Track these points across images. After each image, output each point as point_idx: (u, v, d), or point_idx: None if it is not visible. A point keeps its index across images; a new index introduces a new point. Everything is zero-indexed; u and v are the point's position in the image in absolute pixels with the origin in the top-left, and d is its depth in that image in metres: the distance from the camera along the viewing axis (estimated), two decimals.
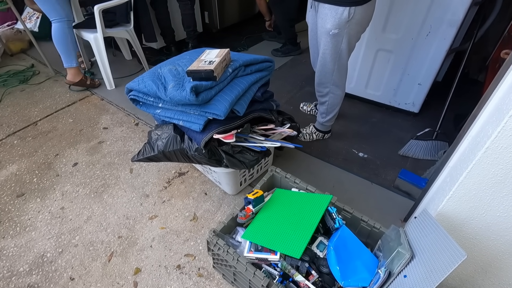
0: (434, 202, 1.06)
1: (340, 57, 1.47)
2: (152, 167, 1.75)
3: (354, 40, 1.44)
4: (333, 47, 1.43)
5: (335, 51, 1.45)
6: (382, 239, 1.07)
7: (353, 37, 1.41)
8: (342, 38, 1.39)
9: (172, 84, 1.19)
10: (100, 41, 2.22)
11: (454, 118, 1.91)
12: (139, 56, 2.57)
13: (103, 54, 2.27)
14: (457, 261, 0.75)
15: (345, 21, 1.33)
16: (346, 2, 1.28)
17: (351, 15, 1.31)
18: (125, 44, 2.78)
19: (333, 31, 1.37)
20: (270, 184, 1.37)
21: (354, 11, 1.30)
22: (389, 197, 1.57)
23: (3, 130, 2.02)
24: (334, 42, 1.41)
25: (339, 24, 1.34)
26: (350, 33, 1.38)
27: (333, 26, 1.36)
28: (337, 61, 1.49)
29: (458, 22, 1.62)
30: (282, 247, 1.00)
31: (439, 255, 0.80)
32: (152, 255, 1.34)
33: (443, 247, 0.81)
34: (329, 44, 1.43)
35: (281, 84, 2.49)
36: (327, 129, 1.87)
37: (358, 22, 1.34)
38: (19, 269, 1.29)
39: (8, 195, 1.59)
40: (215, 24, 3.34)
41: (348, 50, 1.45)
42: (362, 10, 1.31)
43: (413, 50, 1.81)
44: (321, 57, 1.52)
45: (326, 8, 1.35)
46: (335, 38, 1.40)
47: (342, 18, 1.32)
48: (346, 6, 1.29)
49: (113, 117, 2.16)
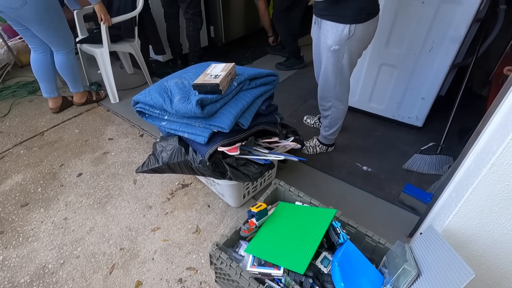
0: (440, 217, 1.05)
1: (341, 73, 1.49)
2: (156, 178, 1.76)
3: (356, 56, 1.46)
4: (334, 62, 1.46)
5: (336, 67, 1.47)
6: (387, 255, 1.05)
7: (354, 53, 1.43)
8: (343, 54, 1.41)
9: (178, 97, 1.21)
10: (106, 56, 2.26)
11: (459, 132, 1.91)
12: (142, 70, 2.59)
13: (108, 68, 2.31)
14: (465, 280, 0.73)
15: (345, 38, 1.35)
16: (347, 19, 1.31)
17: (351, 32, 1.33)
18: (127, 58, 2.82)
19: (334, 47, 1.40)
20: (273, 197, 1.36)
21: (355, 28, 1.32)
22: (394, 212, 1.55)
23: (10, 140, 2.05)
24: (335, 57, 1.44)
25: (340, 41, 1.37)
26: (351, 50, 1.40)
27: (333, 43, 1.39)
28: (338, 76, 1.51)
29: (461, 38, 1.64)
30: (286, 262, 0.99)
31: (446, 273, 0.79)
32: (153, 267, 1.33)
33: (450, 265, 0.80)
34: (330, 60, 1.46)
35: (285, 97, 2.51)
36: (331, 142, 1.87)
37: (359, 39, 1.36)
38: (20, 280, 1.28)
39: (13, 205, 1.60)
40: (220, 38, 3.41)
41: (350, 66, 1.47)
42: (363, 28, 1.33)
43: (416, 65, 1.83)
44: (323, 72, 1.54)
45: (327, 24, 1.38)
46: (336, 54, 1.42)
47: (342, 35, 1.35)
48: (346, 24, 1.32)
49: (119, 128, 2.18)
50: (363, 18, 1.31)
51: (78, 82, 2.28)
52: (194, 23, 2.66)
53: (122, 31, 2.36)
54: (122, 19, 2.19)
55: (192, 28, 2.69)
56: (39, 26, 1.85)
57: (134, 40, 2.40)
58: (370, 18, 1.33)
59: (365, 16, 1.31)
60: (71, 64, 2.14)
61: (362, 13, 1.30)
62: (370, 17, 1.33)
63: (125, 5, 2.25)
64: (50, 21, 1.85)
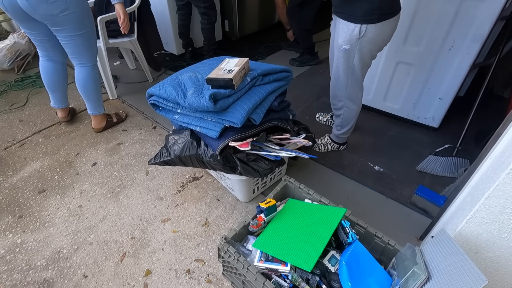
0: (453, 221, 1.03)
1: (353, 73, 1.45)
2: (167, 170, 1.79)
3: (368, 57, 1.41)
4: (345, 62, 1.42)
5: (347, 66, 1.43)
6: (396, 257, 1.04)
7: (366, 54, 1.38)
8: (354, 54, 1.37)
9: (191, 91, 1.22)
10: (103, 52, 2.22)
11: (477, 135, 1.85)
12: (142, 66, 2.58)
13: (106, 64, 2.29)
14: (477, 287, 0.72)
15: (355, 38, 1.31)
16: (357, 19, 1.26)
17: (362, 33, 1.28)
18: (129, 53, 2.83)
19: (343, 46, 1.37)
20: (283, 194, 1.36)
21: (366, 29, 1.27)
22: (405, 214, 1.53)
23: (29, 128, 2.12)
24: (346, 57, 1.40)
25: (350, 41, 1.33)
26: (362, 50, 1.35)
27: (344, 42, 1.35)
28: (350, 76, 1.47)
29: (483, 37, 1.58)
30: (293, 259, 0.99)
31: (458, 278, 0.77)
32: (163, 257, 1.36)
33: (462, 271, 0.78)
34: (341, 59, 1.43)
35: (298, 93, 2.49)
36: (343, 141, 1.85)
37: (370, 40, 1.31)
38: (37, 263, 1.33)
39: (31, 191, 1.66)
40: (235, 32, 3.41)
41: (362, 66, 1.42)
42: (375, 29, 1.28)
43: (435, 64, 1.78)
44: (334, 71, 1.52)
45: (340, 22, 1.35)
46: (346, 54, 1.39)
47: (353, 35, 1.31)
48: (357, 23, 1.27)
49: (132, 119, 2.22)
50: (376, 18, 1.25)
51: (100, 102, 2.02)
52: (208, 16, 2.66)
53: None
54: None
55: (206, 21, 2.70)
56: (73, 34, 1.69)
57: (134, 36, 2.38)
58: (385, 19, 1.26)
59: (379, 16, 1.25)
60: (95, 80, 1.93)
61: (374, 13, 1.24)
62: (385, 17, 1.26)
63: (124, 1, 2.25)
64: (84, 29, 1.71)
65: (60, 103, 2.09)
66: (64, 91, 2.07)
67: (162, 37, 3.05)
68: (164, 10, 2.81)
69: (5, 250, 1.38)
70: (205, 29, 2.76)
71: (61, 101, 2.09)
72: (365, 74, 1.50)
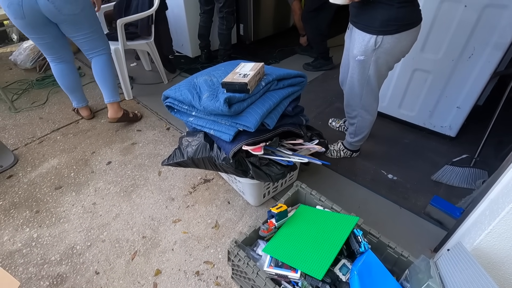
0: (470, 235, 1.00)
1: (368, 83, 1.43)
2: (180, 171, 1.81)
3: (384, 69, 1.38)
4: (360, 72, 1.41)
5: (362, 77, 1.42)
6: (410, 269, 1.02)
7: (383, 65, 1.35)
8: (369, 65, 1.36)
9: (206, 94, 1.23)
10: (121, 53, 2.28)
11: (496, 146, 1.80)
12: (158, 68, 2.64)
13: (123, 66, 2.33)
14: None
15: (371, 49, 1.29)
16: (373, 29, 1.24)
17: (377, 44, 1.26)
18: (145, 55, 2.88)
19: (358, 57, 1.35)
20: (294, 199, 1.35)
21: (382, 40, 1.25)
22: (419, 224, 1.49)
23: (49, 126, 2.19)
24: (361, 68, 1.39)
25: (365, 52, 1.31)
26: (377, 62, 1.33)
27: (359, 52, 1.34)
28: (365, 87, 1.45)
29: (506, 45, 1.54)
30: (304, 266, 0.98)
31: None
32: (173, 258, 1.37)
33: (479, 286, 0.76)
34: (356, 69, 1.41)
35: (311, 98, 2.48)
36: (356, 149, 1.83)
37: (387, 51, 1.29)
38: (51, 258, 1.37)
39: (48, 187, 1.71)
40: (249, 36, 3.43)
41: (377, 78, 1.40)
42: (392, 40, 1.25)
43: (454, 72, 1.74)
44: (349, 80, 1.51)
45: (356, 32, 1.33)
46: (361, 64, 1.37)
47: (368, 45, 1.29)
48: (373, 34, 1.25)
49: (147, 120, 2.26)
50: (394, 29, 1.22)
51: (117, 88, 2.08)
52: (227, 21, 2.70)
53: (139, 29, 2.41)
54: (137, 17, 2.23)
55: (224, 27, 2.73)
56: (91, 30, 1.79)
57: (151, 38, 2.43)
58: (403, 30, 1.23)
59: (397, 27, 1.22)
60: (112, 65, 2.03)
61: (391, 24, 1.21)
62: (403, 28, 1.23)
63: (143, 4, 2.30)
64: (97, 23, 1.82)
65: (83, 101, 2.19)
66: (81, 89, 2.16)
67: (178, 40, 3.11)
68: (181, 13, 2.86)
69: (22, 244, 1.42)
70: (222, 34, 2.79)
71: (82, 99, 2.19)
72: (381, 84, 1.47)
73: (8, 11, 1.57)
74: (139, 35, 2.46)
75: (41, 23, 1.65)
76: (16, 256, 1.37)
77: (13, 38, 3.69)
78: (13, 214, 1.56)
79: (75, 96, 2.14)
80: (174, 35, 2.95)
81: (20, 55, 2.88)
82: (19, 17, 1.59)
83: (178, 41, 3.12)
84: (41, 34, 1.73)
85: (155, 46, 2.49)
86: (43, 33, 1.73)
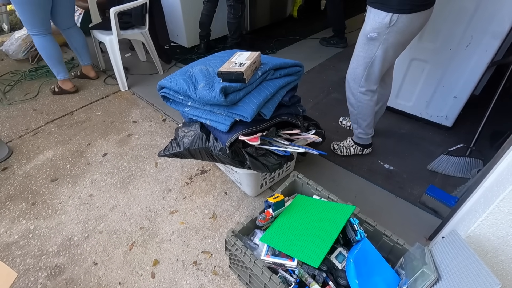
0: (465, 223, 1.01)
1: (372, 65, 1.42)
2: (176, 162, 1.80)
3: (392, 51, 1.37)
4: (367, 50, 1.39)
5: (368, 55, 1.40)
6: (405, 257, 1.03)
7: (391, 46, 1.34)
8: (379, 44, 1.34)
9: (202, 84, 1.22)
10: (115, 43, 2.26)
11: (492, 135, 1.81)
12: (153, 58, 2.60)
13: (117, 56, 2.31)
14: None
15: (385, 26, 1.28)
16: (390, 7, 1.24)
17: (392, 22, 1.26)
18: (140, 45, 2.83)
19: (370, 34, 1.33)
20: (291, 189, 1.36)
21: (397, 18, 1.25)
22: (414, 213, 1.51)
23: (43, 118, 2.16)
24: (370, 45, 1.37)
25: (379, 28, 1.30)
26: (388, 41, 1.32)
27: (371, 29, 1.33)
28: (367, 68, 1.44)
29: (503, 34, 1.53)
30: (300, 254, 0.99)
31: (469, 281, 0.76)
32: (170, 248, 1.38)
33: (473, 273, 0.77)
34: (364, 47, 1.39)
35: (308, 88, 2.46)
36: (366, 142, 1.77)
37: (399, 30, 1.29)
38: (49, 249, 1.37)
39: (44, 179, 1.70)
40: (246, 26, 3.38)
41: (382, 60, 1.39)
42: (406, 19, 1.25)
43: (451, 61, 1.73)
44: (353, 59, 1.48)
45: (371, 12, 1.32)
46: (371, 42, 1.36)
47: (383, 23, 1.28)
48: (389, 12, 1.25)
49: (143, 111, 2.24)
50: (408, 9, 1.23)
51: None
52: (235, 10, 2.68)
53: (133, 18, 2.37)
54: (131, 5, 2.18)
55: (232, 15, 2.71)
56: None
57: (145, 28, 2.39)
58: (417, 11, 1.24)
59: (411, 7, 1.23)
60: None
61: (407, 3, 1.22)
62: (417, 9, 1.24)
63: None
64: None
65: (66, 73, 2.33)
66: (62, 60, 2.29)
67: (173, 30, 3.05)
68: (176, 3, 2.81)
69: (19, 236, 1.42)
70: (230, 23, 2.78)
71: (65, 70, 2.32)
72: (383, 70, 1.45)
73: None
74: (133, 24, 2.41)
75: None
76: (13, 248, 1.37)
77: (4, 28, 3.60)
78: (9, 206, 1.55)
79: (62, 67, 2.27)
80: (169, 25, 2.90)
81: (12, 46, 2.82)
82: None
83: (174, 31, 3.07)
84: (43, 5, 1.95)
85: (149, 36, 2.45)
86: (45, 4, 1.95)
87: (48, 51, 2.14)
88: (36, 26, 2.02)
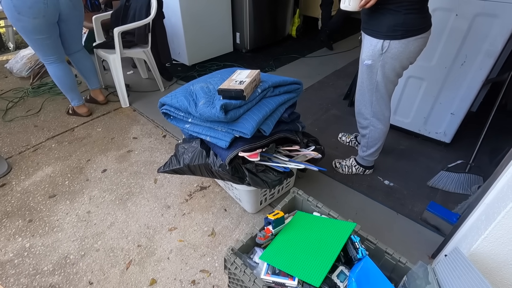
0: (467, 240, 0.99)
1: (377, 89, 1.43)
2: (176, 179, 1.79)
3: (392, 74, 1.37)
4: (368, 78, 1.42)
5: (370, 82, 1.42)
6: (408, 276, 1.01)
7: (390, 71, 1.35)
8: (377, 70, 1.36)
9: (203, 101, 1.24)
10: (117, 62, 2.31)
11: (491, 152, 1.81)
12: (154, 76, 2.65)
13: (120, 74, 2.35)
14: None
15: (378, 53, 1.30)
16: (381, 34, 1.27)
17: (384, 48, 1.28)
18: (142, 63, 2.89)
19: (366, 61, 1.37)
20: (291, 206, 1.35)
21: (389, 44, 1.26)
22: (416, 230, 1.49)
23: (43, 134, 2.17)
24: (369, 73, 1.40)
25: (373, 56, 1.33)
26: (385, 67, 1.33)
27: (366, 57, 1.36)
28: (374, 93, 1.45)
29: (497, 53, 1.57)
30: (301, 273, 0.97)
31: None
32: (168, 267, 1.35)
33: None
34: (364, 74, 1.43)
35: (307, 105, 2.50)
36: (369, 164, 1.77)
37: (393, 56, 1.29)
38: (44, 268, 1.34)
39: (42, 195, 1.69)
40: (245, 45, 3.47)
41: (385, 83, 1.39)
42: (399, 45, 1.26)
43: (447, 79, 1.77)
44: (358, 86, 1.51)
45: (365, 38, 1.36)
46: (369, 69, 1.38)
47: (375, 50, 1.30)
48: (380, 39, 1.27)
49: (143, 127, 2.26)
50: (400, 34, 1.23)
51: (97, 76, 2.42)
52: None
53: (136, 38, 2.43)
54: (134, 26, 2.25)
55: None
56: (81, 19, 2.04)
57: (147, 47, 2.45)
58: (410, 36, 1.24)
59: (403, 32, 1.23)
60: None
61: (398, 29, 1.22)
62: (411, 34, 1.24)
63: (140, 13, 2.33)
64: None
65: (81, 98, 2.31)
66: (76, 86, 2.28)
67: (175, 48, 3.13)
68: (178, 22, 2.89)
69: (14, 254, 1.39)
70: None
71: (80, 96, 2.31)
72: (390, 92, 1.45)
73: (29, 11, 1.70)
74: (136, 43, 2.47)
75: (54, 22, 1.84)
76: (7, 267, 1.34)
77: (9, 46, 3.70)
78: (5, 224, 1.53)
79: (76, 94, 2.25)
80: (171, 44, 2.97)
81: (17, 64, 2.88)
82: (40, 16, 1.74)
83: (175, 49, 3.15)
84: (51, 34, 1.89)
85: (152, 54, 2.51)
86: (52, 32, 1.89)
87: (62, 79, 2.11)
88: (47, 55, 1.98)
